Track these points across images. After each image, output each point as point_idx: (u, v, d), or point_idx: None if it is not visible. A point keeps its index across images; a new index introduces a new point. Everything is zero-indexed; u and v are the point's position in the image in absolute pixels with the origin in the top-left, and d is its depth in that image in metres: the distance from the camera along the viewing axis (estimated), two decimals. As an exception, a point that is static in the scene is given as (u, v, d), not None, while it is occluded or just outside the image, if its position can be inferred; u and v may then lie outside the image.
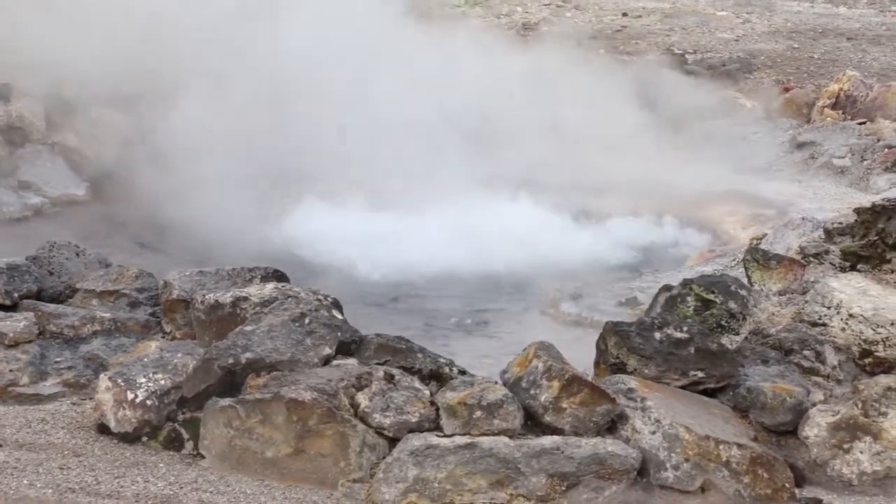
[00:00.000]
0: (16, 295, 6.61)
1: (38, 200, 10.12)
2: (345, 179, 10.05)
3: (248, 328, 5.78)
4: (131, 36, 10.68)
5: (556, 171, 10.72)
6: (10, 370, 6.05)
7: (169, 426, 5.61)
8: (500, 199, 10.16)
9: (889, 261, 6.60)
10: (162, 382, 5.65)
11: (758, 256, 6.97)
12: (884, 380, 5.74)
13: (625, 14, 19.88)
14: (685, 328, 5.87)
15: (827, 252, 6.88)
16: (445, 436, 5.31)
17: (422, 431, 5.34)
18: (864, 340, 6.06)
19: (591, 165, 10.86)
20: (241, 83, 10.51)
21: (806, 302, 6.42)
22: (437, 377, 5.65)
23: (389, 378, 5.54)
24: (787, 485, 5.40)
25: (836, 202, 10.30)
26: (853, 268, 6.69)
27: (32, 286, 6.73)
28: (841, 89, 13.61)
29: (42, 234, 8.65)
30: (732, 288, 6.38)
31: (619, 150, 11.35)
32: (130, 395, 5.60)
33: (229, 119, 10.52)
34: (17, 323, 6.31)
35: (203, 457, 5.48)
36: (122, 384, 5.63)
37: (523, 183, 10.59)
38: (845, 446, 5.59)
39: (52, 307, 6.58)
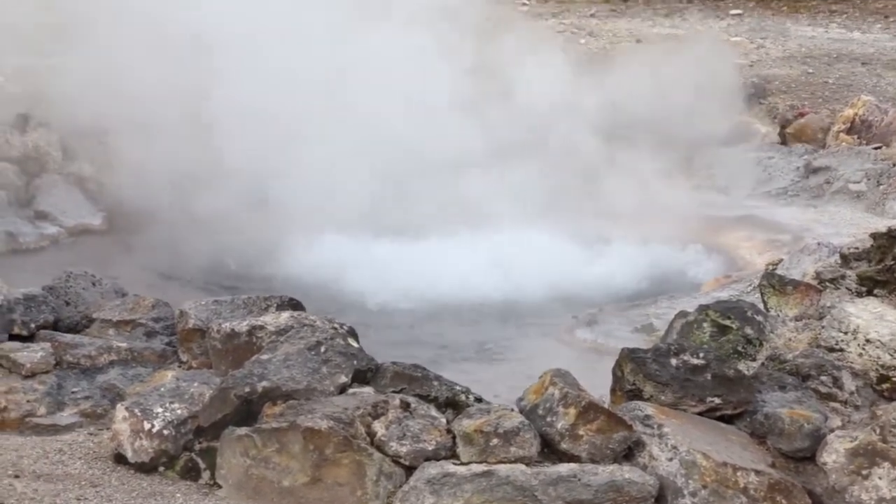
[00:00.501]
0: (33, 325, 6.63)
1: (55, 230, 10.15)
2: (360, 207, 10.06)
3: (265, 357, 5.78)
4: (148, 65, 10.71)
5: (570, 197, 10.71)
6: (28, 401, 6.06)
7: (186, 456, 5.61)
8: (516, 225, 10.16)
9: (905, 286, 6.58)
10: (178, 412, 5.65)
11: (774, 282, 6.95)
12: (902, 405, 5.72)
13: (639, 41, 19.91)
14: (702, 354, 5.85)
15: (843, 277, 6.87)
16: (462, 464, 5.30)
17: (438, 459, 5.33)
18: (882, 366, 6.04)
19: (606, 191, 10.85)
20: (256, 112, 10.52)
21: (822, 327, 6.40)
22: (453, 405, 5.64)
23: (406, 406, 5.53)
24: (805, 511, 5.38)
25: (852, 227, 10.28)
26: (870, 293, 6.67)
27: (49, 316, 6.74)
28: (856, 114, 13.59)
29: (58, 263, 8.67)
30: (749, 314, 6.37)
31: (633, 176, 11.34)
32: (147, 425, 5.60)
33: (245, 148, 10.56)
34: (34, 353, 6.33)
35: (220, 486, 5.48)
36: (139, 414, 5.64)
37: (538, 209, 10.59)
38: (864, 472, 5.55)
39: (68, 337, 6.60)
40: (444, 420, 5.52)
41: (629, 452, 5.47)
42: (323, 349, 5.81)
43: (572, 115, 11.42)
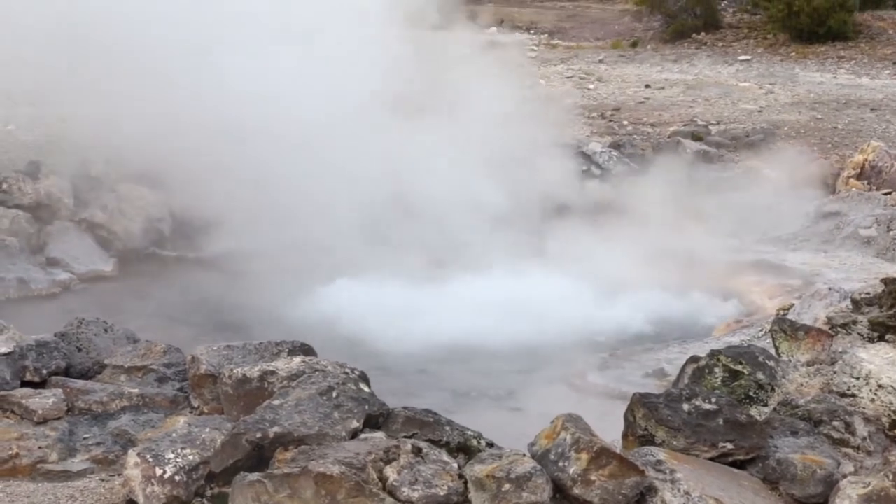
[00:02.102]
0: (45, 372, 6.64)
1: (67, 277, 10.18)
2: (371, 253, 10.09)
3: (276, 402, 5.78)
4: (157, 112, 10.78)
5: (579, 243, 10.73)
6: (39, 447, 6.06)
7: (197, 502, 5.59)
8: (527, 270, 10.18)
9: (917, 331, 6.58)
10: (190, 458, 5.65)
11: (785, 327, 6.95)
12: (914, 451, 5.71)
13: (648, 86, 20.00)
14: (713, 399, 5.85)
15: (855, 322, 6.86)
16: (474, 509, 5.29)
17: (450, 505, 5.33)
18: (894, 411, 6.02)
19: (616, 236, 10.86)
20: (268, 157, 10.58)
21: (834, 373, 6.39)
22: (465, 450, 5.64)
23: (417, 451, 5.53)
24: (818, 557, 5.36)
25: (863, 272, 10.28)
26: (881, 338, 6.66)
27: (61, 363, 6.76)
28: (866, 160, 13.63)
29: (70, 310, 8.70)
30: (760, 359, 6.37)
31: (643, 221, 11.37)
32: (159, 471, 5.59)
33: (255, 191, 10.62)
34: (45, 400, 6.34)
35: (231, 532, 5.47)
36: (151, 460, 5.63)
37: (549, 254, 10.61)
38: (877, 518, 5.53)
39: (80, 383, 6.61)
40: (455, 465, 5.51)
41: (641, 498, 5.45)
42: (334, 394, 5.81)
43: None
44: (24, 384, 6.55)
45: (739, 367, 6.28)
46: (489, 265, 10.05)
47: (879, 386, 6.11)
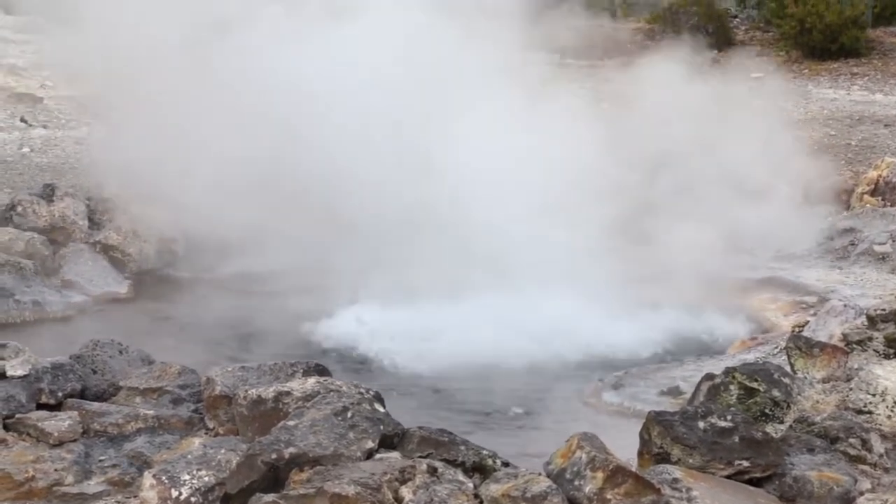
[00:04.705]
0: (60, 394, 6.67)
1: (81, 299, 10.19)
2: (385, 272, 10.08)
3: (291, 423, 5.78)
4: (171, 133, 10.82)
5: (594, 261, 10.70)
6: (55, 469, 6.06)
7: (213, 523, 5.60)
8: (541, 289, 10.16)
9: (933, 347, 6.56)
10: (206, 479, 5.65)
11: (800, 344, 6.94)
12: (932, 467, 5.69)
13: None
14: (729, 417, 5.84)
15: (870, 339, 6.85)
16: (490, 529, 5.29)
17: (466, 525, 5.32)
18: (911, 427, 6.01)
19: (630, 254, 10.85)
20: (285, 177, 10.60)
21: (850, 389, 6.38)
22: (480, 469, 5.63)
23: (433, 471, 5.52)
24: (836, 575, 5.34)
25: (878, 289, 10.25)
26: (897, 354, 6.65)
27: (76, 385, 6.78)
28: (880, 176, 13.60)
29: (85, 332, 8.71)
30: (776, 376, 6.36)
31: (657, 238, 11.35)
32: (175, 493, 5.60)
33: (271, 213, 10.63)
34: (61, 422, 6.35)
35: (247, 553, 5.46)
36: (167, 481, 5.64)
37: (562, 273, 10.59)
38: (895, 535, 5.52)
39: (95, 405, 6.63)
40: (471, 485, 5.51)
41: (658, 516, 5.44)
42: (349, 414, 5.81)
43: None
44: (40, 406, 6.58)
45: (755, 385, 6.27)
46: None
47: (896, 402, 6.10)
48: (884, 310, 7.12)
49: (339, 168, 10.40)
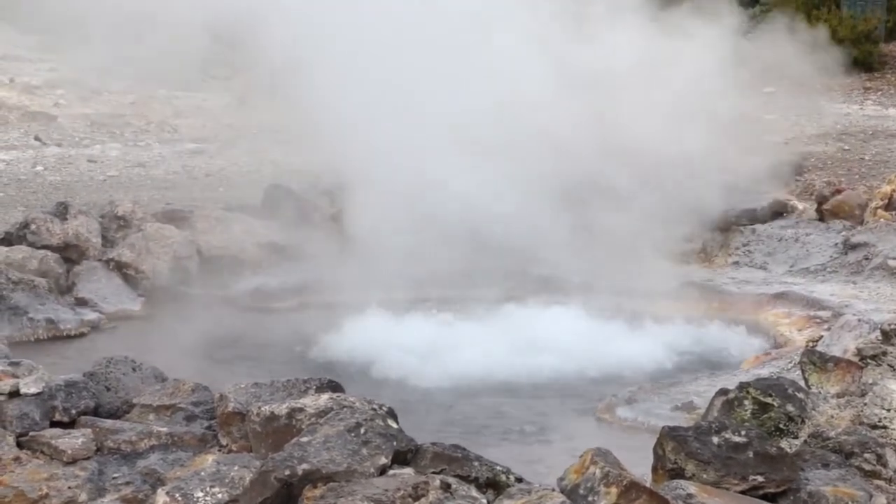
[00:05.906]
0: (73, 412, 6.67)
1: (95, 316, 10.20)
2: (398, 287, 10.10)
3: (304, 439, 5.78)
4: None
5: (607, 276, 10.70)
6: (69, 487, 6.07)
7: (227, 540, 5.60)
8: (554, 304, 10.16)
9: (948, 362, 6.54)
10: (219, 496, 5.66)
11: (814, 359, 6.92)
12: (947, 482, 5.67)
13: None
14: (743, 432, 5.83)
15: (885, 354, 6.83)
16: (504, 545, 5.28)
17: (480, 541, 5.31)
18: (926, 442, 5.99)
19: (644, 269, 10.84)
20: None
21: (865, 404, 6.36)
22: (493, 485, 5.63)
23: (446, 487, 5.52)
24: (851, 590, 5.32)
25: (893, 303, 10.21)
26: (912, 369, 6.63)
27: (90, 402, 6.79)
28: (893, 190, 13.54)
29: (99, 349, 8.72)
30: (790, 391, 6.34)
31: (671, 254, 11.35)
32: (188, 509, 5.61)
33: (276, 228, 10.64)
34: (74, 440, 6.36)
35: (261, 570, 5.46)
36: (180, 499, 5.65)
37: (576, 288, 10.59)
38: (910, 550, 5.50)
39: (109, 423, 6.63)
40: (484, 501, 5.51)
41: (672, 532, 5.43)
42: (363, 430, 5.81)
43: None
44: (54, 424, 6.58)
45: (769, 400, 6.26)
46: None
47: (910, 417, 6.08)
48: (898, 324, 7.09)
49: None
